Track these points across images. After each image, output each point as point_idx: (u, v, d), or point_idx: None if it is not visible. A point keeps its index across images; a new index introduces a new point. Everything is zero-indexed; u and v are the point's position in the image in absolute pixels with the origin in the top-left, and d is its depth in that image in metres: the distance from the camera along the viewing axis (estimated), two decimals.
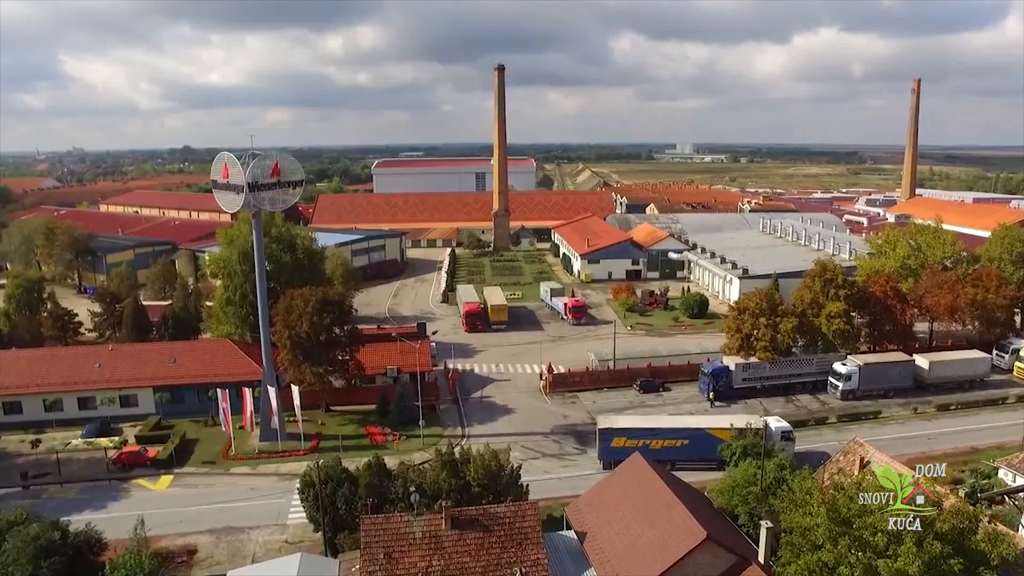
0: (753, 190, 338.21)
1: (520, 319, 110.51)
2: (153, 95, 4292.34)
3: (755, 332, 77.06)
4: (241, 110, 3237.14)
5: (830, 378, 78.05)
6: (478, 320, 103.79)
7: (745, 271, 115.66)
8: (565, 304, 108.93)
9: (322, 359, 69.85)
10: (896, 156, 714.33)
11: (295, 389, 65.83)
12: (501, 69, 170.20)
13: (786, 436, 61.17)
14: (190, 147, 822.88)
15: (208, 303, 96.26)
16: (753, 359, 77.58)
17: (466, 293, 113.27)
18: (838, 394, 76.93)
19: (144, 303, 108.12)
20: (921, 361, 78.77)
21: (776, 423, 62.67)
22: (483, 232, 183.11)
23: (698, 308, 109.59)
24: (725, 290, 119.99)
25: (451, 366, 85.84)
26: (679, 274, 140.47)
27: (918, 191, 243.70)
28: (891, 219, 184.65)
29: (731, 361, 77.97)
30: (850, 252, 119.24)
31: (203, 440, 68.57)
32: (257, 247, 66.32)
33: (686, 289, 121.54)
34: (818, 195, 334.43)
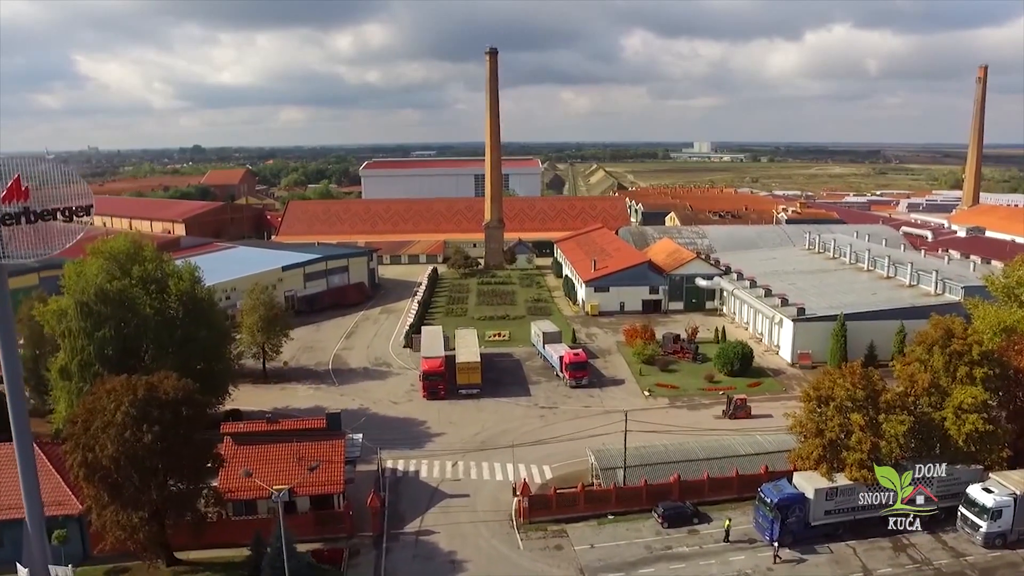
0: (781, 193, 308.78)
1: (502, 376, 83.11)
2: (167, 95, 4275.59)
3: (844, 436, 49.25)
4: (255, 109, 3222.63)
5: (963, 510, 49.87)
6: (440, 383, 76.30)
7: (801, 311, 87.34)
8: (561, 357, 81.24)
9: (144, 497, 42.75)
10: (921, 155, 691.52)
11: (63, 572, 38.61)
12: (493, 53, 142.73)
13: None
14: (200, 146, 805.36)
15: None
16: (841, 478, 49.67)
17: (429, 341, 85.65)
18: (978, 537, 48.74)
19: None
20: None
21: None
22: (475, 245, 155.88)
23: (740, 363, 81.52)
24: (774, 334, 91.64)
25: (386, 462, 58.80)
26: (708, 304, 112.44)
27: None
28: (960, 232, 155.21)
29: (806, 482, 50.06)
30: (938, 285, 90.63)
31: None
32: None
33: (720, 332, 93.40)
34: (850, 198, 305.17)
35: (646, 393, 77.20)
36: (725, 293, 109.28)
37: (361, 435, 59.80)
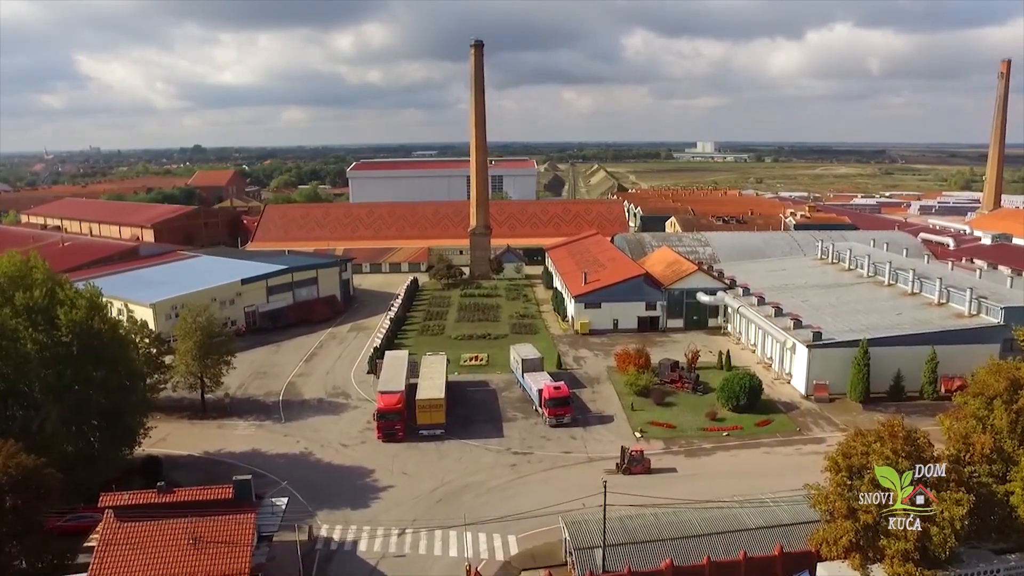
0: (788, 195, 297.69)
1: (473, 411, 72.42)
2: (169, 95, 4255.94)
3: (886, 519, 38.36)
4: (257, 109, 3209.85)
5: None
6: (398, 423, 65.57)
7: (816, 335, 76.37)
8: (540, 391, 70.38)
9: None
10: (927, 155, 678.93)
11: None
12: (478, 46, 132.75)
13: None
14: (201, 146, 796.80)
15: None
16: (880, 573, 38.79)
17: (391, 370, 74.73)
18: None
19: None
20: None
21: None
22: (461, 252, 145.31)
23: (747, 396, 70.62)
24: (785, 360, 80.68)
25: (320, 529, 48.05)
26: (711, 322, 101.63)
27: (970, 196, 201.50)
28: (984, 238, 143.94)
29: None
30: (971, 304, 79.52)
31: None
32: None
33: (724, 357, 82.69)
34: (859, 200, 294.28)
35: (637, 434, 66.37)
36: (730, 310, 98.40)
37: (286, 500, 48.93)
